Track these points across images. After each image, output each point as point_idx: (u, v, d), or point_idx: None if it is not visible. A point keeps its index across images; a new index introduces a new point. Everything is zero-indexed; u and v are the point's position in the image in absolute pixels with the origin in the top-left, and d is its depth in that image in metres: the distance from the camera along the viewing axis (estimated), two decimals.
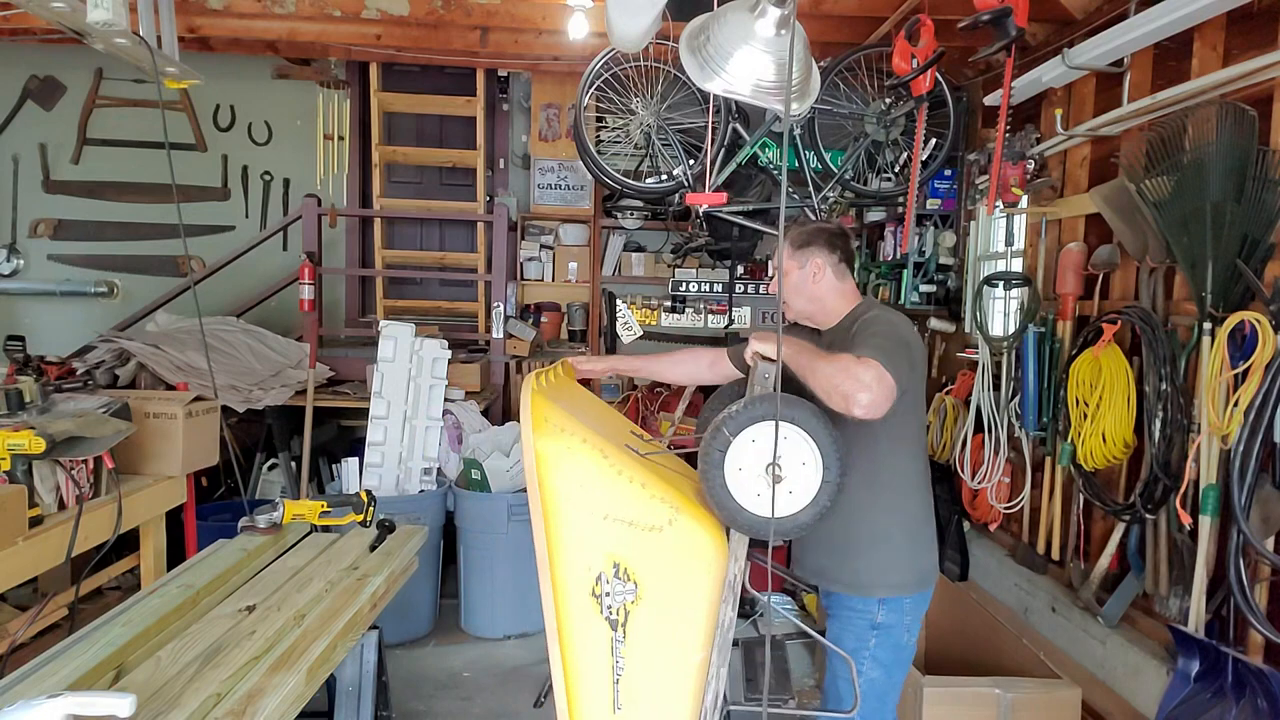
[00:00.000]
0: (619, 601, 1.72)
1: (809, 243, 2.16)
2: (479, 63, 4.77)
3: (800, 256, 2.15)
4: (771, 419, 1.62)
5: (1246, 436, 2.29)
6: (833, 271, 2.16)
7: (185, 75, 2.64)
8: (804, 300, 2.18)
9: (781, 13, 1.88)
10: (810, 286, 2.16)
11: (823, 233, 2.17)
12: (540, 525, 1.71)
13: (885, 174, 4.16)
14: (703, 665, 1.72)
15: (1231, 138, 2.51)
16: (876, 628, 2.06)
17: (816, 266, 2.15)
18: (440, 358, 4.03)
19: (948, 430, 4.20)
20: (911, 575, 2.09)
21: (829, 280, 2.16)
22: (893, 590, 2.06)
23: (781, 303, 2.18)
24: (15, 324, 5.47)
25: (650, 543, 1.69)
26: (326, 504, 2.52)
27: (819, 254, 2.15)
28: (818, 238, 2.16)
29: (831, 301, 2.17)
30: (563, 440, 1.68)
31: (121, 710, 1.22)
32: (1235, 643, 2.48)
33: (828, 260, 2.15)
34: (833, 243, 2.17)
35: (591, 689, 1.75)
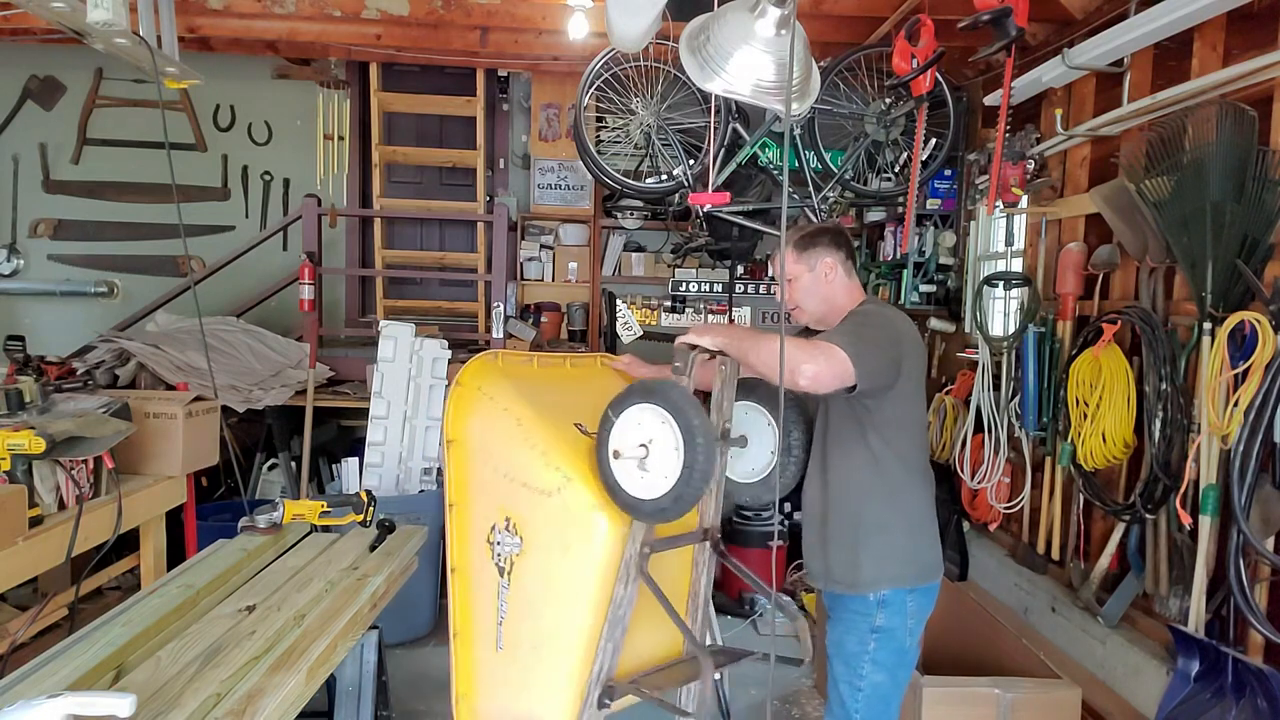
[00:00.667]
0: (507, 552, 1.90)
1: (814, 243, 2.13)
2: (479, 63, 4.77)
3: (809, 258, 2.13)
4: (647, 403, 1.73)
5: (1246, 436, 2.29)
6: (843, 269, 2.15)
7: (185, 75, 2.64)
8: (818, 301, 2.16)
9: (781, 13, 1.88)
10: (823, 287, 2.14)
11: (825, 232, 2.16)
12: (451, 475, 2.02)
13: (885, 174, 4.16)
14: (590, 633, 1.80)
15: (1231, 138, 2.51)
16: (876, 631, 2.04)
17: (828, 266, 2.13)
18: (440, 358, 4.03)
19: (948, 430, 4.20)
20: (912, 568, 2.07)
21: (840, 279, 2.14)
22: (892, 583, 2.03)
23: (787, 308, 2.19)
24: (15, 324, 5.47)
25: (539, 505, 1.85)
26: (326, 504, 2.52)
27: (827, 253, 2.13)
28: (822, 237, 2.14)
29: (842, 300, 2.14)
30: (484, 404, 1.96)
31: (121, 710, 1.22)
32: (1235, 643, 2.48)
33: (837, 258, 2.13)
34: (838, 240, 2.15)
35: (479, 624, 1.98)
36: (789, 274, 2.13)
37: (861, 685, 2.06)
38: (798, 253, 2.13)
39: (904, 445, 2.06)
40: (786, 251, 2.12)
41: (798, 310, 2.19)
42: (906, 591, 2.06)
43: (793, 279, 2.14)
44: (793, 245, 2.13)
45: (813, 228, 2.17)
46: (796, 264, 2.13)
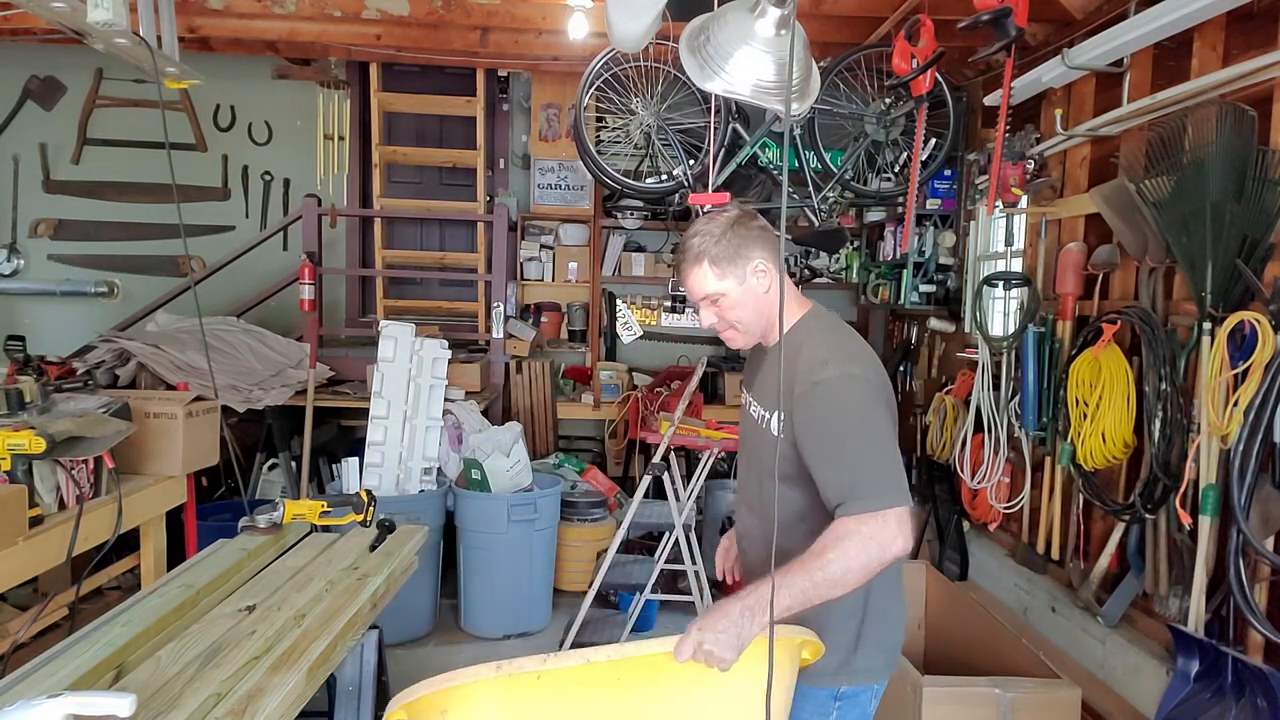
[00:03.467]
0: None
1: (740, 246, 1.62)
2: (479, 63, 4.77)
3: (737, 269, 1.63)
4: None
5: (1246, 436, 2.30)
6: (776, 266, 1.64)
7: (185, 75, 2.64)
8: (759, 319, 1.69)
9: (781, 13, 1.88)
10: (763, 299, 1.66)
11: (748, 227, 1.64)
12: None
13: (885, 174, 4.16)
14: None
15: (1231, 138, 2.51)
16: (839, 697, 1.65)
17: (762, 271, 1.64)
18: (440, 358, 4.03)
19: (947, 430, 4.20)
20: (881, 658, 1.68)
21: (776, 281, 1.64)
22: (860, 678, 1.65)
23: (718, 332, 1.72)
24: (15, 324, 5.47)
25: None
26: (326, 504, 2.52)
27: (757, 251, 1.63)
28: (748, 235, 1.63)
29: (788, 308, 1.68)
30: None
31: (121, 710, 1.22)
32: (1235, 642, 2.48)
33: (768, 253, 1.64)
34: (760, 228, 1.66)
35: None
36: (713, 294, 1.65)
37: None
38: (718, 267, 1.63)
39: None
40: (698, 269, 1.64)
41: (731, 333, 1.71)
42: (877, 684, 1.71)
43: (718, 298, 1.65)
44: (708, 259, 1.63)
45: (721, 221, 1.65)
46: (720, 281, 1.63)
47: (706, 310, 1.69)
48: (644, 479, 3.53)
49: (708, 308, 1.69)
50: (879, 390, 1.57)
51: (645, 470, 3.54)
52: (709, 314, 1.69)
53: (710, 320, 1.70)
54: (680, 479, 3.72)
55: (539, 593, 3.99)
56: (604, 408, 5.26)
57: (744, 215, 1.67)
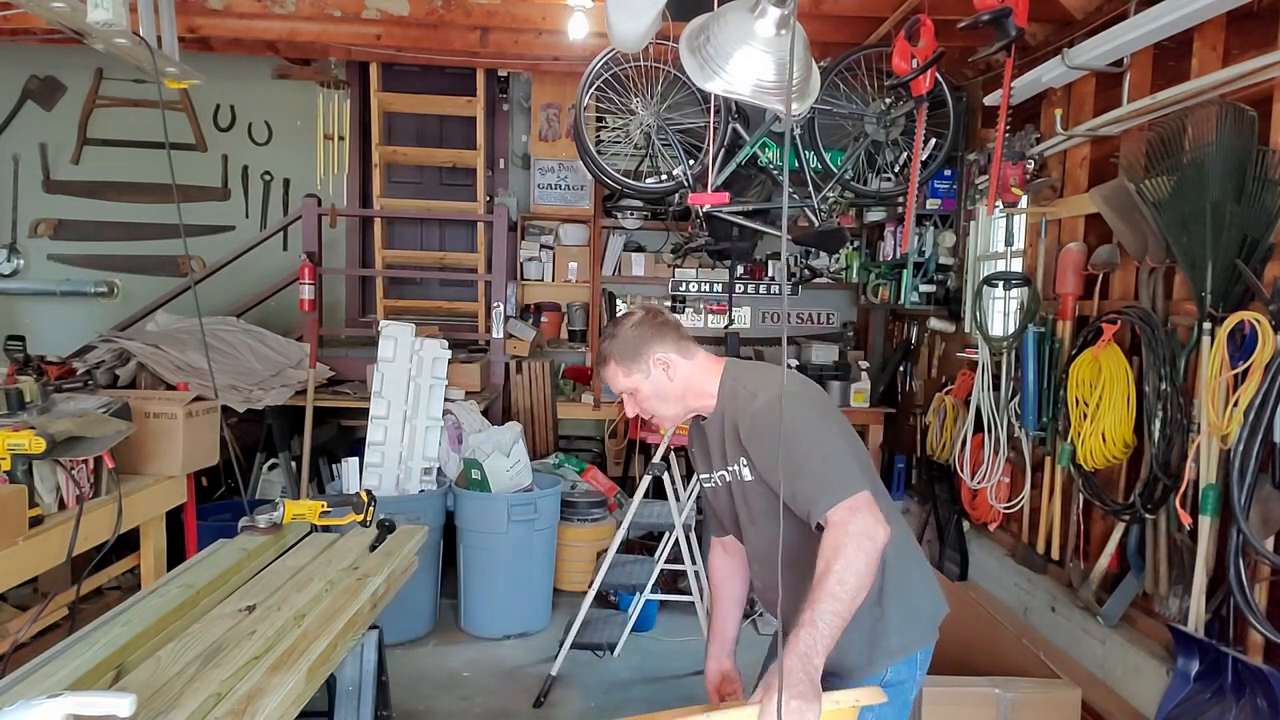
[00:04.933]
0: None
1: (639, 343, 1.75)
2: (479, 63, 4.77)
3: (638, 365, 1.75)
4: None
5: (1246, 436, 2.30)
6: (678, 353, 1.76)
7: (185, 75, 2.64)
8: (673, 404, 1.79)
9: (781, 13, 1.88)
10: (670, 386, 1.76)
11: (642, 323, 1.76)
12: None
13: (885, 174, 4.17)
14: None
15: (1231, 138, 2.51)
16: (888, 685, 1.64)
17: (662, 363, 1.74)
18: (440, 358, 4.03)
19: (947, 430, 4.20)
20: (915, 631, 1.73)
21: (683, 366, 1.76)
22: (899, 655, 1.70)
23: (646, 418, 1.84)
24: (15, 324, 5.47)
25: None
26: (326, 504, 2.52)
27: (655, 347, 1.74)
28: (646, 334, 1.75)
29: (697, 382, 1.77)
30: None
31: (121, 710, 1.22)
32: (1235, 642, 2.48)
33: (666, 346, 1.75)
34: (658, 325, 1.77)
35: None
36: (626, 389, 1.78)
37: None
38: (624, 365, 1.76)
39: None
40: (607, 369, 1.79)
41: (656, 419, 1.83)
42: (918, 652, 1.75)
43: (633, 393, 1.78)
44: (613, 359, 1.77)
45: (625, 324, 1.78)
46: (629, 378, 1.76)
47: (628, 402, 1.82)
48: (644, 479, 3.53)
49: (628, 400, 1.82)
50: (812, 399, 1.69)
51: (645, 470, 3.54)
52: (630, 405, 1.82)
53: (633, 411, 1.83)
54: (680, 479, 3.72)
55: (539, 593, 3.99)
56: (604, 408, 5.26)
57: (647, 315, 1.79)
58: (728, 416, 1.72)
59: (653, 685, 3.51)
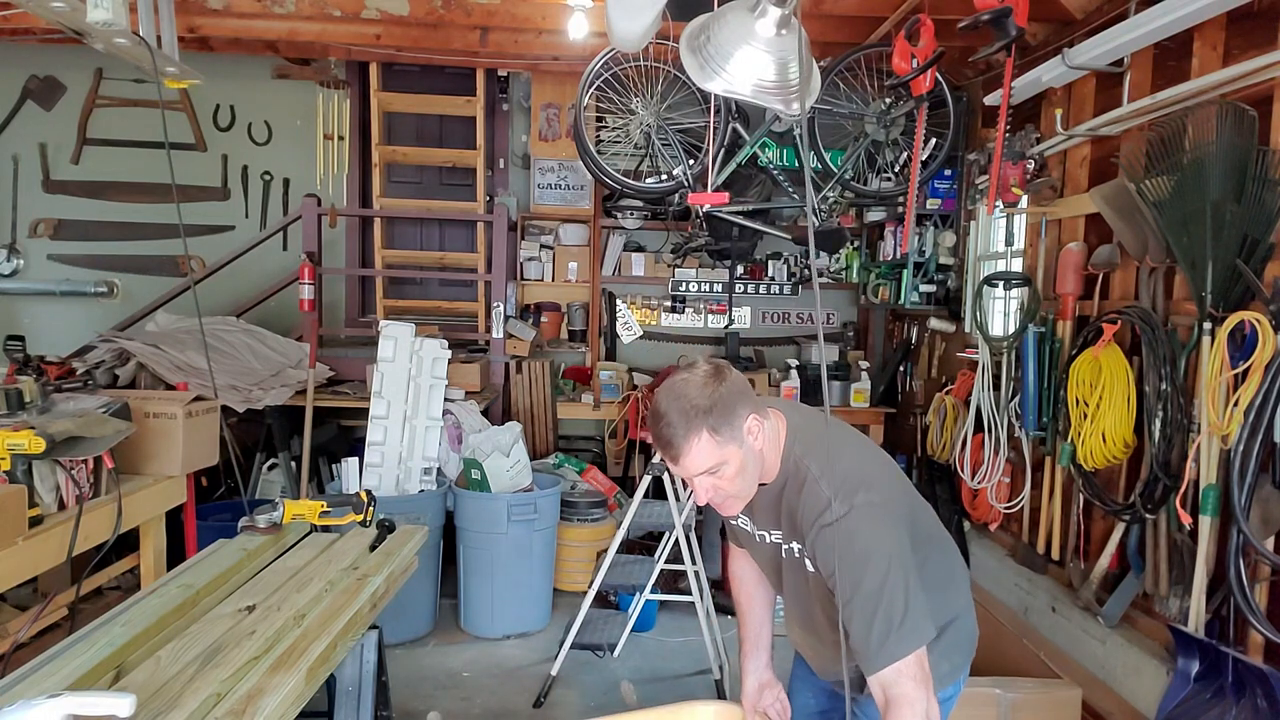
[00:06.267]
0: None
1: (730, 407, 1.46)
2: (479, 63, 4.77)
3: (732, 433, 1.47)
4: None
5: (1246, 436, 2.30)
6: (758, 412, 1.52)
7: (185, 75, 2.64)
8: (756, 475, 1.55)
9: (782, 12, 1.88)
10: (757, 454, 1.53)
11: (728, 381, 1.49)
12: None
13: (885, 174, 4.17)
14: None
15: (1231, 138, 2.51)
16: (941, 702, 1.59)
17: (752, 424, 1.50)
18: (440, 358, 4.03)
19: (947, 430, 4.20)
20: (962, 655, 1.69)
21: (766, 428, 1.54)
22: (947, 681, 1.64)
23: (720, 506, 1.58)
24: (15, 324, 5.46)
25: None
26: (326, 504, 2.52)
27: (743, 407, 1.48)
28: (732, 390, 1.48)
29: (770, 451, 1.55)
30: None
31: (121, 710, 1.22)
32: (1235, 643, 2.48)
33: (750, 404, 1.50)
34: (734, 380, 1.51)
35: None
36: (715, 464, 1.48)
37: None
38: (718, 434, 1.45)
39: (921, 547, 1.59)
40: (698, 441, 1.45)
41: (730, 502, 1.56)
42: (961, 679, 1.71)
43: (719, 470, 1.49)
44: (706, 429, 1.45)
45: (699, 383, 1.47)
46: (723, 449, 1.46)
47: (703, 481, 1.50)
48: (644, 479, 3.53)
49: (706, 481, 1.50)
50: (890, 512, 1.51)
51: (645, 470, 3.54)
52: (707, 485, 1.51)
53: (708, 495, 1.53)
54: (680, 479, 3.72)
55: (539, 593, 3.99)
56: (604, 408, 5.26)
57: (718, 369, 1.51)
58: (788, 496, 1.54)
59: (653, 685, 3.50)
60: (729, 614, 4.04)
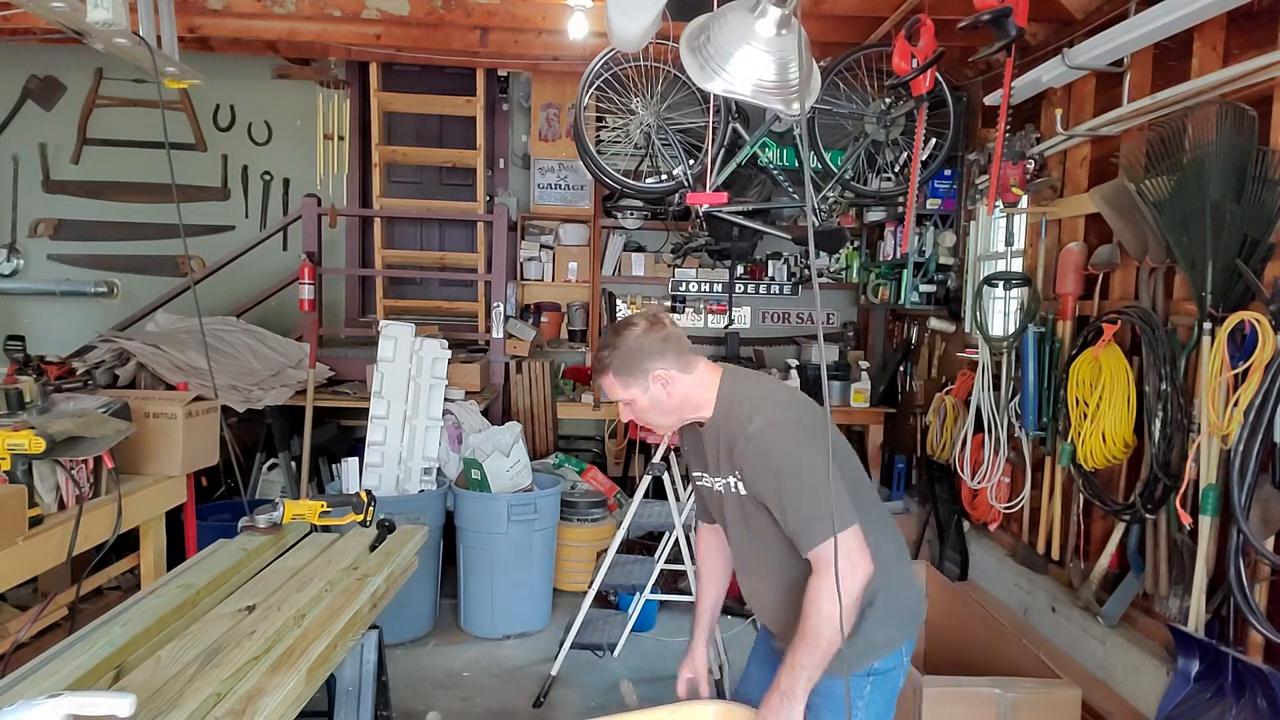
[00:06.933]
0: None
1: (640, 357, 1.74)
2: (479, 63, 4.77)
3: (636, 380, 1.75)
4: None
5: (1246, 436, 2.30)
6: (679, 368, 1.76)
7: (185, 75, 2.64)
8: (669, 415, 1.82)
9: (782, 12, 1.88)
10: (668, 401, 1.78)
11: (645, 334, 1.75)
12: None
13: (885, 174, 4.17)
14: None
15: (1231, 138, 2.51)
16: (875, 674, 1.78)
17: (662, 379, 1.75)
18: (440, 358, 4.03)
19: (948, 430, 4.20)
20: (900, 627, 1.82)
21: (682, 381, 1.77)
22: (884, 650, 1.78)
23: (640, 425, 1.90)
24: (15, 324, 5.47)
25: None
26: (326, 504, 2.52)
27: (657, 361, 1.74)
28: (642, 344, 1.74)
29: (694, 395, 1.79)
30: None
31: (121, 710, 1.22)
32: (1235, 642, 2.48)
33: (665, 361, 1.75)
34: (660, 338, 1.75)
35: None
36: (625, 399, 1.80)
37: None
38: (622, 379, 1.77)
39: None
40: (605, 379, 1.79)
41: (651, 429, 1.92)
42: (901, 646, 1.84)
43: (630, 403, 1.81)
44: (612, 370, 1.77)
45: (625, 335, 1.76)
46: (627, 390, 1.78)
47: (624, 410, 1.85)
48: (644, 479, 3.53)
49: (624, 409, 1.85)
50: (802, 423, 1.72)
51: (645, 470, 3.54)
52: (626, 412, 1.85)
53: (629, 417, 1.86)
54: (680, 479, 3.72)
55: (539, 593, 3.99)
56: (604, 408, 5.26)
57: (650, 325, 1.77)
58: (724, 431, 1.76)
59: (653, 685, 3.50)
60: (729, 614, 4.05)
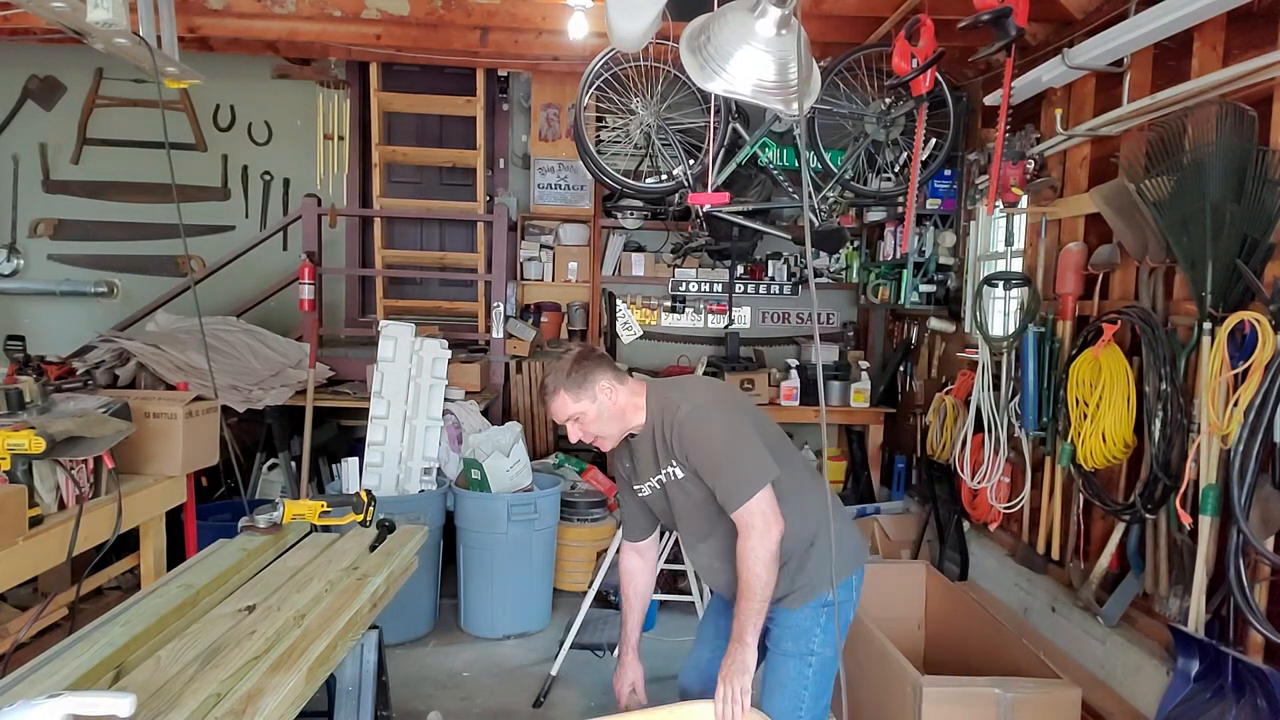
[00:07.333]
0: None
1: (582, 374, 2.03)
2: (479, 63, 4.77)
3: (586, 392, 2.03)
4: None
5: (1246, 436, 2.29)
6: (616, 379, 2.07)
7: (185, 75, 2.64)
8: (615, 423, 2.09)
9: (782, 13, 1.88)
10: (613, 408, 2.06)
11: (582, 358, 2.06)
12: None
13: (885, 174, 4.16)
14: None
15: (1231, 138, 2.51)
16: (829, 605, 2.08)
17: (605, 389, 2.05)
18: (440, 358, 4.03)
19: (947, 430, 4.20)
20: (845, 561, 2.14)
21: (621, 391, 2.07)
22: (834, 580, 2.08)
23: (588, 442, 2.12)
24: (15, 324, 5.47)
25: None
26: (326, 504, 2.52)
27: (599, 374, 2.04)
28: (584, 364, 2.04)
29: (630, 404, 2.09)
30: None
31: (121, 710, 1.22)
32: (1235, 642, 2.48)
33: (607, 374, 2.06)
34: (596, 358, 2.08)
35: None
36: (573, 415, 2.05)
37: (811, 660, 2.09)
38: (573, 393, 2.03)
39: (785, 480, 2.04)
40: (558, 398, 2.04)
41: (600, 441, 2.11)
42: (852, 576, 2.17)
43: (579, 418, 2.05)
44: (563, 389, 2.03)
45: (566, 360, 2.06)
46: (578, 404, 2.04)
47: (571, 428, 2.08)
48: None
49: (573, 426, 2.08)
50: (721, 401, 2.06)
51: None
52: (574, 430, 2.08)
53: (577, 436, 2.09)
54: None
55: (539, 593, 3.99)
56: None
57: (583, 351, 2.10)
58: (658, 428, 2.05)
59: (653, 685, 3.48)
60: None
